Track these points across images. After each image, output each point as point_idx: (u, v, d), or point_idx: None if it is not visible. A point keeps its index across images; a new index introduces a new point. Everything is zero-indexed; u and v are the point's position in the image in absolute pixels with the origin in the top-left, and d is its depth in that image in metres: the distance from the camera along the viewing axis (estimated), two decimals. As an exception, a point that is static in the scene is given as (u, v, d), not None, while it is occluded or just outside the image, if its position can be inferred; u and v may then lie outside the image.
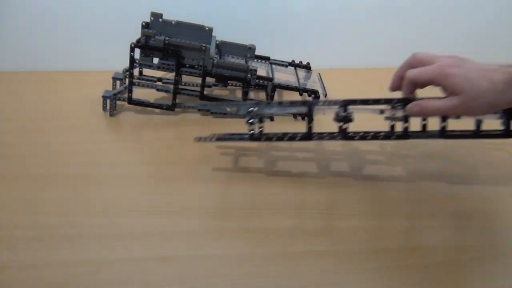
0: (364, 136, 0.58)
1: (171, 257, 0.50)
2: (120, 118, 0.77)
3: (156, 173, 0.64)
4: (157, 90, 0.77)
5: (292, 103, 0.62)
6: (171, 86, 0.75)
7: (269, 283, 0.47)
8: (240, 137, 0.62)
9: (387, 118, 0.60)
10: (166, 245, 0.52)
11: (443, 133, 0.58)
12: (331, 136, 0.59)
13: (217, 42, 0.80)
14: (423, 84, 0.54)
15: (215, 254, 0.51)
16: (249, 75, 0.74)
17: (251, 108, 0.60)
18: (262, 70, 0.85)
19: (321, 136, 0.59)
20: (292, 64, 0.86)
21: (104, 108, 0.77)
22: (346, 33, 0.98)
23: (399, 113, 0.57)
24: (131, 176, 0.64)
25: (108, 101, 0.76)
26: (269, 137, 0.60)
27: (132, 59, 0.72)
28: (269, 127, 0.62)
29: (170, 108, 0.75)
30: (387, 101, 0.57)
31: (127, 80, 0.75)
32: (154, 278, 0.47)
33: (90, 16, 0.91)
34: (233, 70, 0.74)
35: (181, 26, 0.74)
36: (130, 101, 0.75)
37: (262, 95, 0.86)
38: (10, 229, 0.53)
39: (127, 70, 0.76)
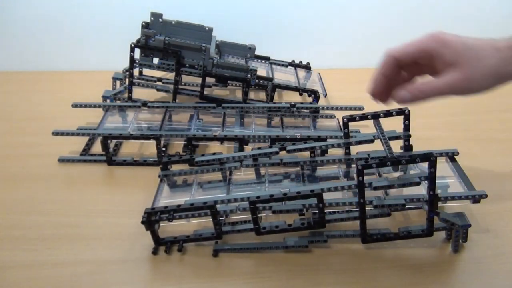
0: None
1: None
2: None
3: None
4: (157, 90, 0.77)
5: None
6: (171, 86, 0.75)
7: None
8: None
9: None
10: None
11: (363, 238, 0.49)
12: None
13: (217, 42, 0.80)
14: (406, 64, 0.47)
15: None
16: (249, 75, 0.74)
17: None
18: (262, 70, 0.85)
19: None
20: (292, 64, 0.86)
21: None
22: (346, 34, 0.98)
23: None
24: (131, 176, 0.64)
25: (108, 101, 0.75)
26: None
27: (132, 59, 0.72)
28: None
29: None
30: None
31: (127, 80, 0.75)
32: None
33: (90, 16, 0.91)
34: (233, 70, 0.74)
35: (181, 26, 0.74)
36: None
37: (262, 95, 0.86)
38: (10, 229, 0.53)
39: (127, 70, 0.76)
